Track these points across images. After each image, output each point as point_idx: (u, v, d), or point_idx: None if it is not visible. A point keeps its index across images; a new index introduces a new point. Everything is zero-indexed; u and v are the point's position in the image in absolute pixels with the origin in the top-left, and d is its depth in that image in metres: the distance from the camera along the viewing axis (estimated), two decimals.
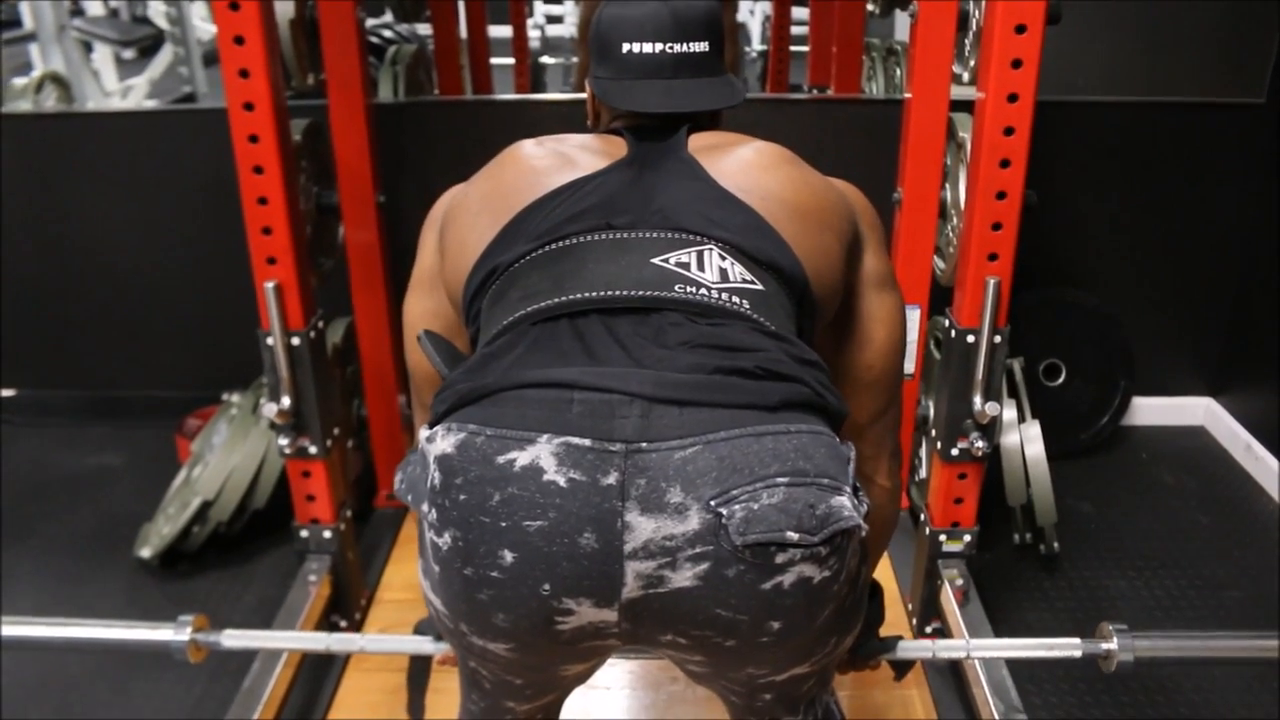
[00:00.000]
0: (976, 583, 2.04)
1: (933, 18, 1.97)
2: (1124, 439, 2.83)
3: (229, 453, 2.33)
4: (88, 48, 3.97)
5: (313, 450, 1.91)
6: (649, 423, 0.88)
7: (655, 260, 1.01)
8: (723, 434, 0.88)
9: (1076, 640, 1.45)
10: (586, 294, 0.98)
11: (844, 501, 0.90)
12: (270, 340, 1.80)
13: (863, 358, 1.20)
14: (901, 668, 1.48)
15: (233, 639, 1.49)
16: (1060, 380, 2.69)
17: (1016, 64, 1.58)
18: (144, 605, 2.26)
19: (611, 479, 0.87)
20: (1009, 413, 2.26)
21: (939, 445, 1.86)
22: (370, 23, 4.19)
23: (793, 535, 0.87)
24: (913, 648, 1.45)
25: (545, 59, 4.16)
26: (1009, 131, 1.62)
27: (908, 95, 2.07)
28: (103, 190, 2.75)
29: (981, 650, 1.59)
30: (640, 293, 0.98)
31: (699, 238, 1.03)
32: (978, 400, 1.76)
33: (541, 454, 0.88)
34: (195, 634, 1.47)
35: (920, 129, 2.03)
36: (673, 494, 0.87)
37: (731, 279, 1.01)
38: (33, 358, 2.96)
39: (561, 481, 0.87)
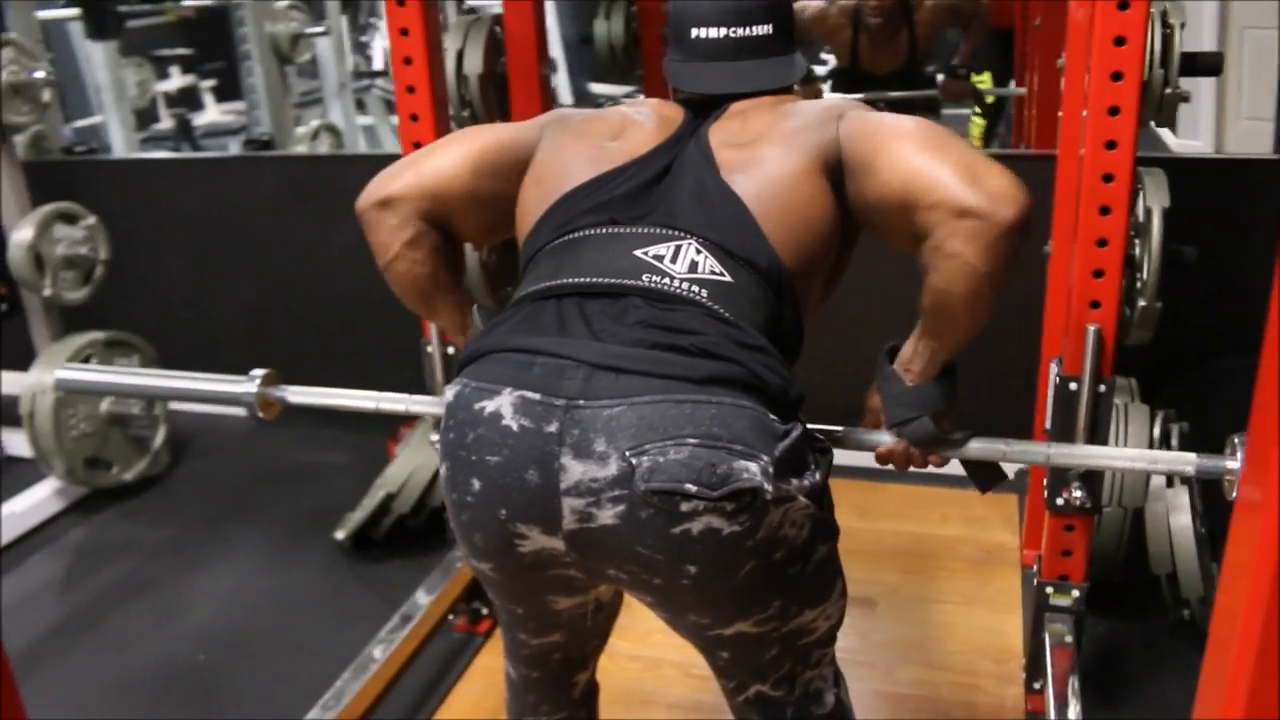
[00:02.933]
0: (1119, 652, 1.97)
1: (1078, 69, 1.97)
2: None
3: (414, 453, 2.62)
4: (359, 104, 4.55)
5: None
6: (590, 384, 1.05)
7: (636, 252, 1.16)
8: (647, 398, 1.03)
9: (1191, 456, 1.32)
10: (572, 280, 1.16)
11: (748, 465, 1.02)
12: (430, 349, 2.06)
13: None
14: (983, 477, 1.39)
15: (295, 395, 1.71)
16: None
17: (1113, 111, 1.58)
18: (335, 580, 2.59)
19: (553, 427, 1.04)
20: (1157, 478, 2.16)
21: (1045, 494, 1.84)
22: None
23: (690, 487, 1.01)
24: (985, 449, 1.35)
25: None
26: (1108, 179, 1.62)
27: (1057, 151, 2.07)
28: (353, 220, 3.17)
29: (1064, 457, 1.42)
30: (611, 280, 1.14)
31: (682, 233, 1.17)
32: None
33: (503, 403, 1.07)
34: (263, 387, 1.68)
35: (1069, 182, 2.02)
36: (598, 444, 1.03)
37: (700, 271, 1.14)
38: (291, 365, 3.40)
39: (515, 426, 1.06)
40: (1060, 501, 1.81)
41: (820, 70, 4.18)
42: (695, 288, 1.13)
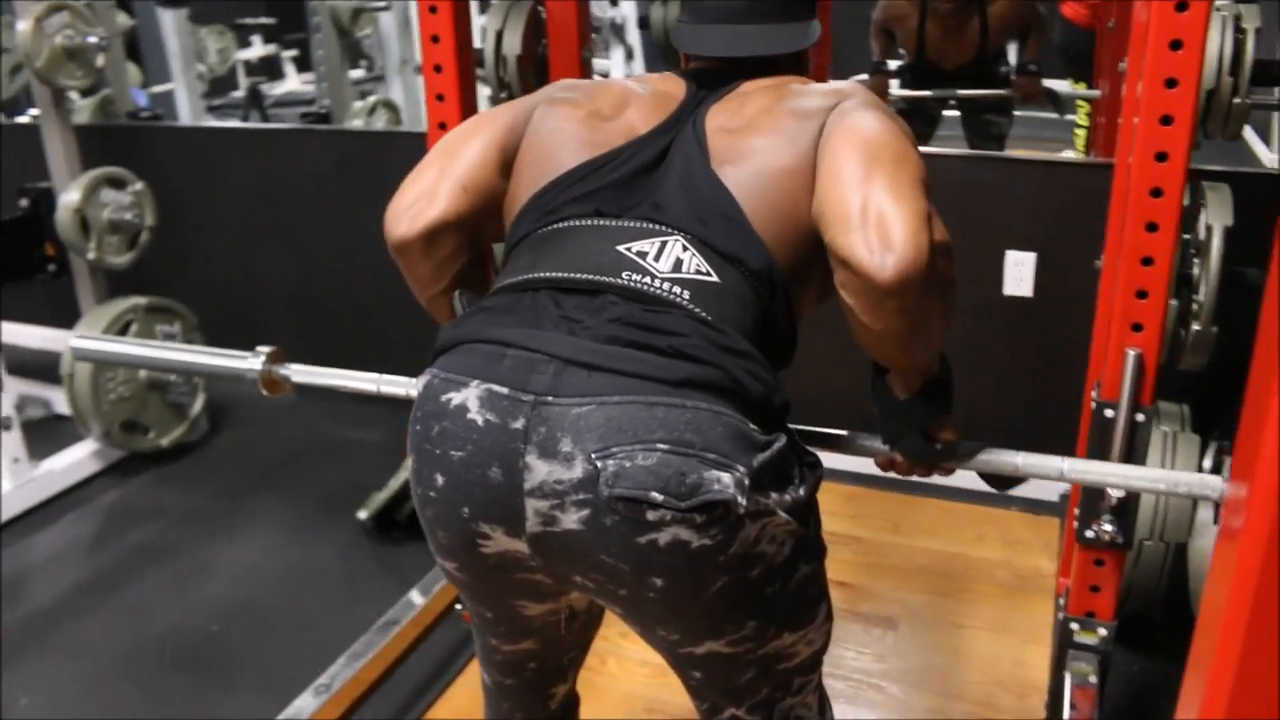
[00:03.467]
0: (1152, 693, 1.87)
1: (1138, 74, 1.85)
2: None
3: None
4: None
5: None
6: (560, 380, 0.99)
7: (619, 247, 1.09)
8: (617, 398, 0.97)
9: (1216, 480, 1.20)
10: (549, 273, 1.09)
11: (721, 476, 0.95)
12: None
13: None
14: (997, 479, 1.29)
15: (299, 374, 1.61)
16: None
17: (1166, 120, 1.47)
18: (354, 560, 2.58)
19: (519, 423, 0.98)
20: (1204, 512, 2.03)
21: (1076, 526, 1.73)
22: None
23: (657, 496, 0.94)
24: (994, 461, 1.23)
25: None
26: (1156, 193, 1.51)
27: (1114, 160, 1.96)
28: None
29: (1079, 473, 1.29)
30: (589, 276, 1.07)
31: (669, 229, 1.10)
32: None
33: (470, 396, 1.01)
34: (268, 365, 1.60)
35: (1121, 194, 1.91)
36: (564, 444, 0.97)
37: (685, 270, 1.07)
38: (329, 339, 3.43)
39: (480, 421, 1.00)
40: (1090, 534, 1.70)
41: (893, 65, 4.06)
42: (677, 288, 1.06)
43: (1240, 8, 1.69)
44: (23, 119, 3.78)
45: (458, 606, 2.21)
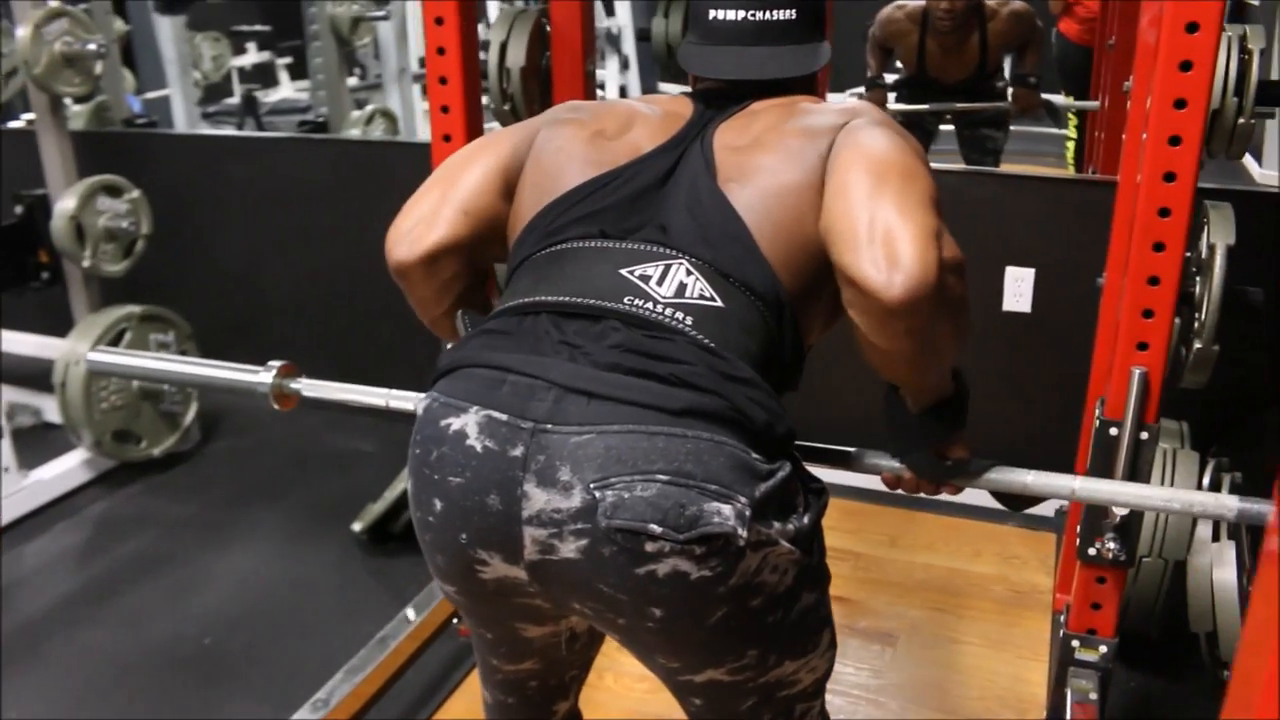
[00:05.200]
0: (1150, 710, 1.86)
1: (1144, 94, 1.86)
2: None
3: None
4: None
5: None
6: (559, 408, 0.97)
7: (622, 271, 1.08)
8: (616, 427, 0.96)
9: (1233, 500, 1.20)
10: (550, 297, 1.08)
11: (721, 508, 0.94)
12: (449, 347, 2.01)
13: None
14: (1012, 499, 1.28)
15: (310, 388, 1.61)
16: None
17: (1174, 140, 1.47)
18: (349, 573, 2.56)
19: (518, 451, 0.97)
20: (1204, 529, 2.03)
21: (1078, 543, 1.73)
22: None
23: (655, 528, 0.93)
24: (1003, 480, 1.22)
25: None
26: (1164, 213, 1.51)
27: (1117, 177, 1.96)
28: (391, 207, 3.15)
29: (1091, 492, 1.27)
30: (590, 301, 1.06)
31: (673, 252, 1.09)
32: None
33: (469, 422, 1.00)
34: (279, 379, 1.59)
35: (1126, 213, 1.91)
36: (563, 473, 0.96)
37: (688, 294, 1.06)
38: (326, 349, 3.41)
39: (478, 447, 0.99)
40: (1092, 552, 1.70)
41: (890, 79, 4.08)
42: (679, 314, 1.04)
43: (1245, 28, 1.70)
44: (16, 124, 3.76)
45: (455, 621, 2.19)
